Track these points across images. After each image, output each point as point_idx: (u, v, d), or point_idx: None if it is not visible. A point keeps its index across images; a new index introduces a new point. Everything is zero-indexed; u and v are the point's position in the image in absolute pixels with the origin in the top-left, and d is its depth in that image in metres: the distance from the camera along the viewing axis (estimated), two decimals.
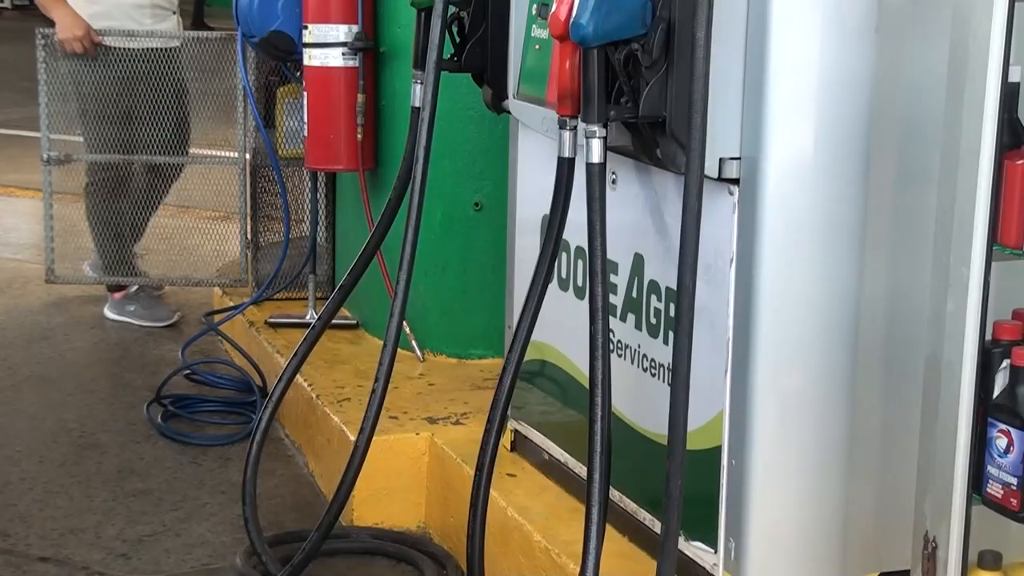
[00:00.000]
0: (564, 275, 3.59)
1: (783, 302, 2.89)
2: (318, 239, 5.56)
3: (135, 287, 6.23)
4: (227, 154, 6.42)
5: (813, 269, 2.89)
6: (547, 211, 3.17)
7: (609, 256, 3.03)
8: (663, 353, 3.18)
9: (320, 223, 5.58)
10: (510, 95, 3.62)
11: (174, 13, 6.07)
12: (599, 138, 2.90)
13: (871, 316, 2.92)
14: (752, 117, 2.81)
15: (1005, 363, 2.48)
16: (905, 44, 2.79)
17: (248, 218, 5.92)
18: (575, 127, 3.01)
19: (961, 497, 2.50)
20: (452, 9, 3.68)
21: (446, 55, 3.63)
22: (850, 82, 2.82)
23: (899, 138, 2.85)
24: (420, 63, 3.69)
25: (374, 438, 3.70)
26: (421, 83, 3.64)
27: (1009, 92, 2.38)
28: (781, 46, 2.78)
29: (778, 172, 2.82)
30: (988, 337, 2.48)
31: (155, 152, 6.08)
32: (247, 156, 5.87)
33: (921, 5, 2.77)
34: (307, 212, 5.61)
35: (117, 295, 6.22)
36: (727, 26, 2.79)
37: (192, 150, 6.40)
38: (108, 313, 6.23)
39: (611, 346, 3.28)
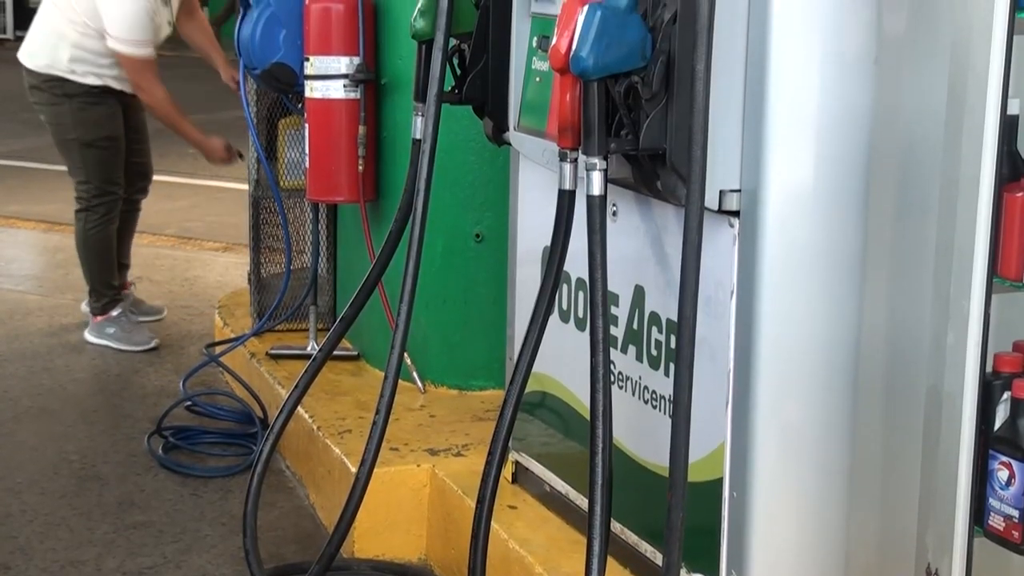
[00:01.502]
0: (565, 307, 3.59)
1: (784, 334, 2.89)
2: (319, 270, 5.56)
3: (117, 311, 6.23)
4: (230, 185, 6.44)
5: (814, 301, 2.89)
6: (548, 242, 3.18)
7: (610, 288, 3.03)
8: (664, 385, 3.18)
9: (321, 254, 5.59)
10: (511, 127, 3.63)
11: None
12: (599, 170, 2.90)
13: (872, 348, 2.92)
14: (752, 149, 2.82)
15: (1006, 395, 2.49)
16: (904, 76, 2.80)
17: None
18: (576, 159, 3.02)
19: (963, 529, 2.50)
20: (453, 41, 3.69)
21: (447, 87, 3.64)
22: (849, 114, 2.82)
23: (899, 169, 2.85)
24: (421, 95, 3.70)
25: (375, 470, 3.69)
26: (422, 115, 3.65)
27: (1008, 124, 2.39)
28: (780, 78, 2.79)
29: (778, 204, 2.82)
30: (989, 369, 2.49)
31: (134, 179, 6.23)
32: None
33: (920, 37, 2.78)
34: (308, 243, 5.62)
35: (98, 318, 6.23)
36: (727, 59, 2.80)
37: (196, 181, 6.44)
38: (88, 336, 6.25)
39: (612, 378, 3.28)
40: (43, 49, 6.02)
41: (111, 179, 6.09)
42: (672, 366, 2.94)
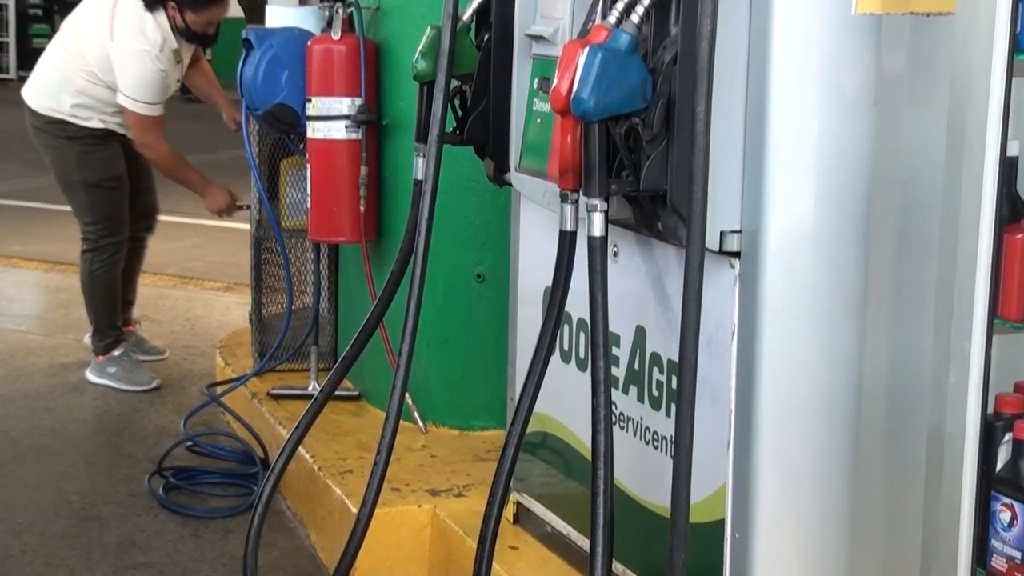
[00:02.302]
0: (566, 347, 3.59)
1: (785, 375, 2.89)
2: (321, 310, 5.57)
3: (119, 351, 6.23)
4: (232, 225, 6.46)
5: (815, 341, 2.89)
6: (549, 283, 3.18)
7: (611, 328, 3.03)
8: (665, 425, 3.18)
9: (323, 294, 5.59)
10: (512, 168, 3.64)
11: None
12: (600, 211, 2.91)
13: (873, 388, 2.92)
14: (752, 190, 2.83)
15: (1007, 436, 2.49)
16: (904, 117, 2.81)
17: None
18: (577, 200, 3.02)
19: (965, 571, 2.49)
20: (454, 83, 3.71)
21: (448, 128, 3.65)
22: (849, 155, 2.83)
23: (899, 210, 2.86)
24: (422, 136, 3.72)
25: (376, 510, 3.69)
26: (423, 156, 3.67)
27: (1008, 166, 2.40)
28: (780, 120, 2.80)
29: (779, 245, 2.83)
30: (990, 410, 2.49)
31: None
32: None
33: (919, 79, 2.79)
34: (310, 283, 5.63)
35: (100, 358, 6.23)
36: (727, 100, 2.81)
37: (197, 221, 6.47)
38: (90, 376, 6.25)
39: (613, 418, 3.27)
40: (47, 91, 6.04)
41: (117, 219, 6.10)
42: (673, 407, 2.94)
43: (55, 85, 6.02)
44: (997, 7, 2.36)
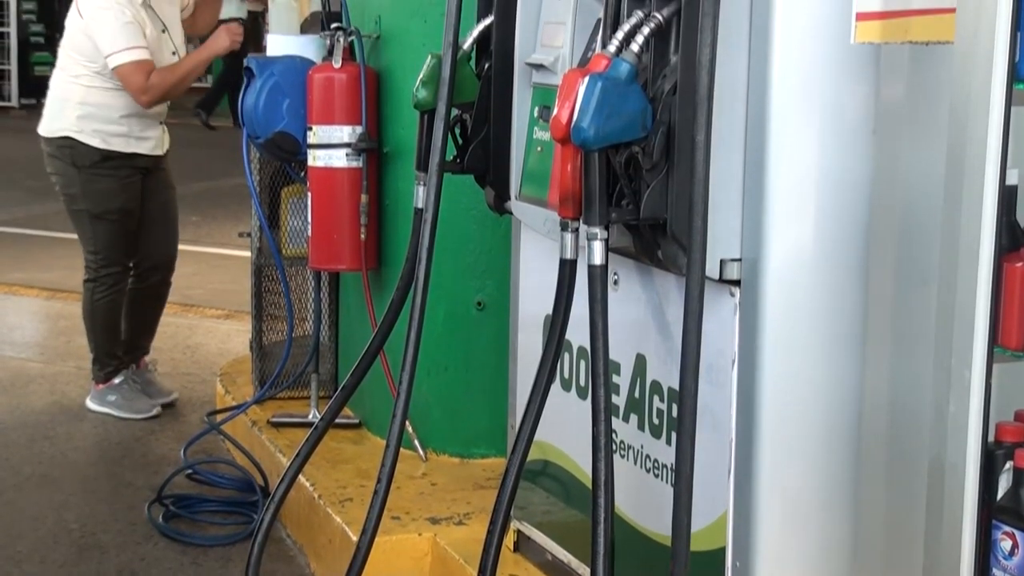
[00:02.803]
0: (567, 375, 3.59)
1: (786, 402, 2.89)
2: (321, 338, 5.57)
3: (119, 378, 6.21)
4: (232, 252, 6.46)
5: (815, 369, 2.89)
6: (549, 311, 3.19)
7: (611, 356, 3.03)
8: (666, 453, 3.18)
9: (323, 322, 5.60)
10: (512, 196, 3.65)
11: (161, 123, 6.13)
12: (601, 240, 2.92)
13: (874, 416, 2.92)
14: (752, 219, 2.83)
15: (1008, 465, 2.48)
16: (903, 146, 2.82)
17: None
18: (577, 229, 3.03)
19: None
20: (455, 111, 3.72)
21: (449, 157, 3.66)
22: (849, 184, 2.84)
23: (898, 239, 2.86)
24: (423, 164, 3.72)
25: (376, 539, 3.68)
26: (424, 184, 3.67)
27: (1007, 194, 2.40)
28: (780, 149, 2.80)
29: (779, 273, 2.83)
30: (991, 438, 2.49)
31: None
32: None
33: (918, 107, 2.80)
34: (310, 311, 5.63)
35: (100, 386, 6.22)
36: (727, 129, 2.82)
37: (198, 248, 6.45)
38: (90, 404, 6.23)
39: (614, 446, 3.27)
40: (53, 113, 6.04)
41: (118, 251, 6.03)
42: (674, 435, 2.94)
43: (59, 105, 6.01)
44: (996, 36, 2.37)
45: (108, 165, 5.95)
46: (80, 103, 5.93)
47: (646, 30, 2.87)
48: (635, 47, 2.87)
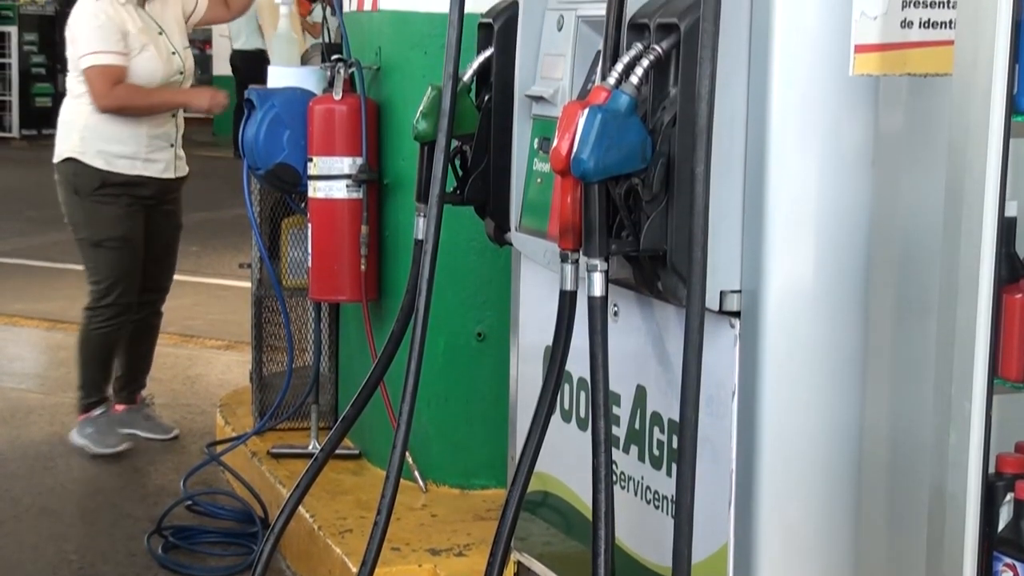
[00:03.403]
0: (567, 406, 3.59)
1: (786, 433, 2.89)
2: (321, 369, 5.57)
3: (99, 411, 6.13)
4: (232, 283, 6.46)
5: (815, 401, 2.89)
6: (549, 342, 3.19)
7: (611, 387, 3.03)
8: (666, 485, 3.18)
9: (323, 353, 5.60)
10: (512, 228, 3.66)
11: (171, 146, 5.99)
12: (601, 272, 2.92)
13: (874, 447, 2.92)
14: (752, 250, 2.84)
15: (1009, 496, 2.48)
16: (902, 177, 2.83)
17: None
18: (577, 260, 3.03)
19: None
20: (455, 143, 3.73)
21: (449, 188, 3.67)
22: (848, 215, 2.85)
23: (898, 270, 2.87)
24: (423, 196, 3.73)
25: (376, 570, 3.67)
26: (424, 216, 3.68)
27: (1006, 226, 2.41)
28: (779, 180, 2.81)
29: (779, 304, 2.83)
30: (991, 470, 2.48)
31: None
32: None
33: (917, 139, 2.81)
34: (310, 342, 5.63)
35: (81, 416, 6.15)
36: (726, 161, 2.83)
37: (198, 279, 6.44)
38: (72, 437, 6.16)
39: (614, 478, 3.27)
40: (59, 138, 5.97)
41: (117, 281, 5.91)
42: (674, 466, 2.94)
43: (65, 128, 5.93)
44: (994, 69, 2.38)
45: (110, 191, 5.84)
46: (83, 124, 5.85)
47: (645, 62, 2.88)
48: (635, 79, 2.88)
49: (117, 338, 6.05)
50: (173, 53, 5.92)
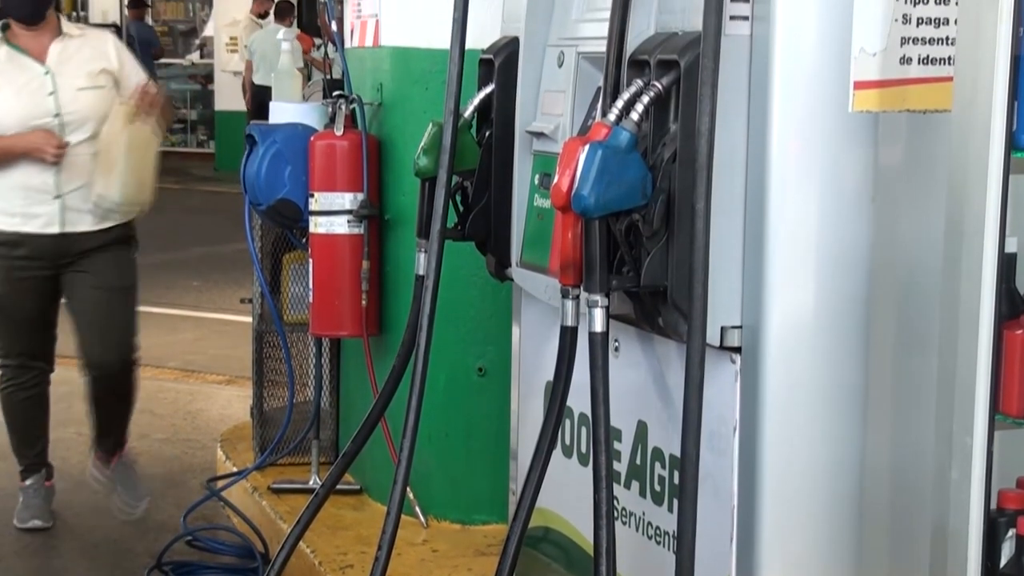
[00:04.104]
0: (568, 442, 3.59)
1: (788, 469, 2.89)
2: (322, 404, 5.56)
3: (30, 480, 5.64)
4: (233, 318, 6.44)
5: (817, 436, 2.89)
6: (550, 377, 3.19)
7: (612, 423, 3.03)
8: (668, 520, 3.17)
9: (324, 388, 5.59)
10: (513, 263, 3.66)
11: (56, 198, 5.19)
12: (601, 307, 2.93)
13: (876, 483, 2.91)
14: (752, 286, 2.84)
15: (1011, 532, 2.48)
16: (902, 213, 2.83)
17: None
18: (578, 296, 3.04)
19: None
20: (456, 179, 3.74)
21: (450, 224, 3.68)
22: (848, 250, 2.85)
23: (898, 305, 2.87)
24: (424, 231, 3.74)
25: None
26: (425, 251, 3.69)
27: (1006, 262, 2.41)
28: (779, 216, 2.82)
29: (779, 340, 2.84)
30: (993, 506, 2.48)
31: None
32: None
33: (916, 175, 2.82)
34: (311, 377, 5.63)
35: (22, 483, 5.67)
36: (726, 197, 2.84)
37: (199, 314, 6.37)
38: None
39: (615, 513, 3.26)
40: None
41: (7, 345, 5.38)
42: (675, 501, 2.94)
43: None
44: (993, 105, 2.39)
45: (4, 245, 5.19)
46: None
47: (646, 99, 2.90)
48: (635, 115, 2.89)
49: (23, 402, 5.50)
50: (50, 94, 5.15)
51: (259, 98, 15.65)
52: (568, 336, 3.10)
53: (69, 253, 5.21)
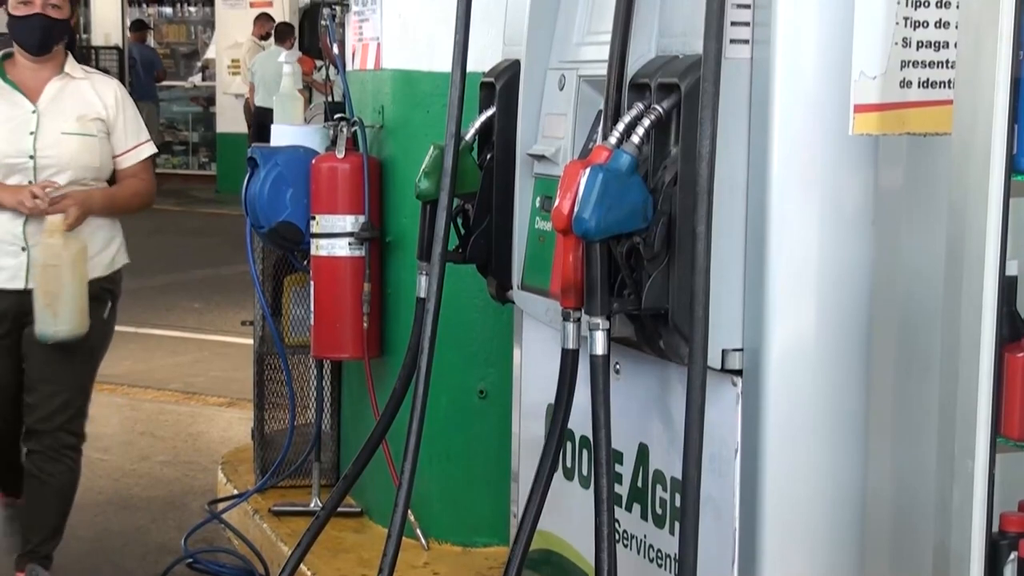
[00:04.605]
0: (569, 464, 3.58)
1: (789, 492, 2.89)
2: (323, 426, 5.56)
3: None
4: (235, 340, 6.43)
5: (818, 459, 2.89)
6: (551, 399, 3.19)
7: (613, 445, 3.03)
8: (669, 543, 3.17)
9: (325, 411, 5.59)
10: (514, 286, 3.66)
11: (23, 250, 4.65)
12: (602, 330, 2.93)
13: (877, 506, 2.91)
14: (753, 309, 2.84)
15: (1013, 555, 2.47)
16: (902, 236, 2.84)
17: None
18: (578, 319, 3.04)
19: None
20: (457, 201, 3.74)
21: (451, 246, 3.68)
22: (849, 273, 2.86)
23: (899, 328, 2.87)
24: (425, 254, 3.74)
25: None
26: (426, 274, 3.69)
27: (1007, 285, 2.42)
28: (780, 239, 2.82)
29: (780, 363, 2.84)
30: (995, 528, 2.48)
31: None
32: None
33: (917, 198, 2.82)
34: (312, 399, 5.62)
35: None
36: (727, 220, 2.84)
37: (201, 336, 6.34)
38: None
39: (617, 536, 3.26)
40: None
41: None
42: (677, 524, 2.93)
43: None
44: (993, 128, 2.39)
45: None
46: None
47: (647, 122, 2.90)
48: (636, 139, 2.90)
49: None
50: (31, 133, 4.66)
51: (259, 119, 15.73)
52: (569, 359, 3.10)
53: (32, 310, 4.59)
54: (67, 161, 4.68)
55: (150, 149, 4.95)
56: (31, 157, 4.65)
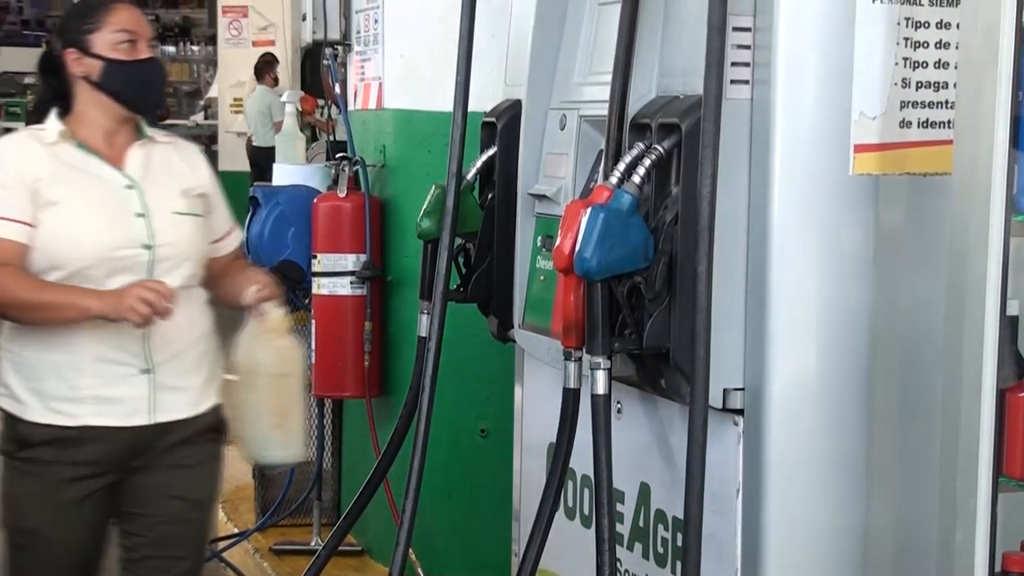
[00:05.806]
0: (571, 503, 3.58)
1: (791, 532, 2.88)
2: (324, 465, 5.55)
3: None
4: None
5: (820, 499, 2.88)
6: (553, 438, 3.19)
7: (615, 485, 3.03)
8: None
9: (326, 449, 5.58)
10: (515, 325, 3.66)
11: (146, 372, 3.43)
12: (603, 369, 2.93)
13: (880, 546, 2.90)
14: (754, 348, 2.84)
15: None
16: (903, 275, 2.84)
17: None
18: (580, 358, 3.04)
19: None
20: (458, 240, 3.75)
21: (452, 285, 3.69)
22: (850, 313, 2.86)
23: (901, 368, 2.87)
24: (427, 293, 3.75)
25: None
26: (428, 313, 3.69)
27: (1009, 325, 2.42)
28: (781, 278, 2.83)
29: (782, 402, 2.84)
30: (998, 568, 2.47)
31: None
32: None
33: (917, 237, 2.83)
34: (313, 438, 5.62)
35: None
36: (728, 259, 2.85)
37: None
38: None
39: (618, 575, 3.25)
40: None
41: None
42: (679, 564, 2.93)
43: None
44: (993, 168, 2.40)
45: (41, 451, 3.36)
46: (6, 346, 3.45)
47: (647, 162, 2.91)
48: (637, 178, 2.91)
49: None
50: (139, 215, 3.38)
51: (253, 159, 15.76)
52: (570, 398, 3.10)
53: (151, 451, 3.45)
54: (186, 251, 3.47)
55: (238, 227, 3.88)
56: (148, 247, 3.38)
